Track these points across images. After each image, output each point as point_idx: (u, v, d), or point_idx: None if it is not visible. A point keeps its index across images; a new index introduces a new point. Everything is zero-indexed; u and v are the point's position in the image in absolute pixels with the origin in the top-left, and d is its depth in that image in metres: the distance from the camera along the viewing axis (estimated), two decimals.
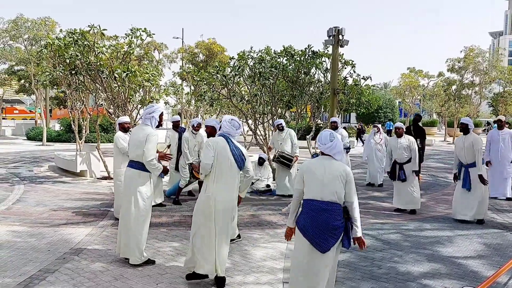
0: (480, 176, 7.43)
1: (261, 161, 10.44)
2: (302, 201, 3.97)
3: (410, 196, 8.19)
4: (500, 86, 34.38)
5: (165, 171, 5.60)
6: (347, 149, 9.43)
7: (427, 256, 5.73)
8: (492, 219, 7.86)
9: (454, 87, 31.82)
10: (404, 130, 8.46)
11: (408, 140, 8.22)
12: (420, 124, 10.84)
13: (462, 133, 7.76)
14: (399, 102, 41.30)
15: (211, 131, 5.61)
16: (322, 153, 3.95)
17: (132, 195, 5.12)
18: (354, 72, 12.42)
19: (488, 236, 6.76)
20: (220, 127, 4.78)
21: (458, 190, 7.77)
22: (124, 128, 7.46)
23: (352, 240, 3.88)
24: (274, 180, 10.47)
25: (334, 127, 9.46)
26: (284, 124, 10.03)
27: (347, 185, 3.80)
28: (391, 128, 35.14)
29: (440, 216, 8.12)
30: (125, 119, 7.59)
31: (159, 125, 5.34)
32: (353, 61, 12.22)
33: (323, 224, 3.75)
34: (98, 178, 11.95)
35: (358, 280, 4.87)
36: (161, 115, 5.33)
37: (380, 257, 5.66)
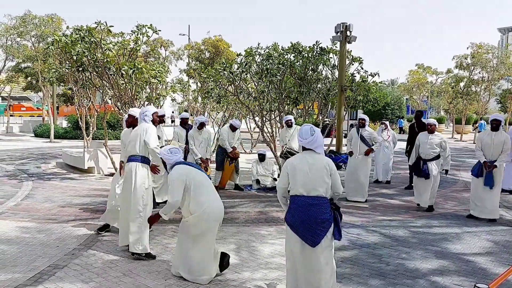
0: (492, 165, 7.28)
1: (261, 157, 10.41)
2: (289, 197, 3.99)
3: (430, 194, 8.07)
4: (509, 83, 34.02)
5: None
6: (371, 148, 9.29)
7: (435, 253, 5.70)
8: (501, 216, 7.78)
9: (462, 84, 31.55)
10: (434, 126, 8.18)
11: (441, 138, 8.06)
12: (423, 120, 10.79)
13: (492, 130, 7.52)
14: (406, 99, 41.08)
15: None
16: (304, 148, 3.96)
17: (131, 186, 5.32)
18: (362, 68, 12.34)
19: (497, 233, 6.71)
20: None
21: (477, 187, 7.57)
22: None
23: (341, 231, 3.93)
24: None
25: (362, 124, 9.18)
26: (293, 120, 10.02)
27: (333, 177, 3.87)
28: (402, 125, 35.05)
29: (448, 213, 8.07)
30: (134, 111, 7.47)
31: (154, 123, 5.65)
32: (360, 57, 12.13)
33: (311, 218, 3.78)
34: (105, 175, 12.00)
35: (366, 276, 4.85)
36: (154, 114, 5.66)
37: (388, 254, 5.64)
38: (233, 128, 9.91)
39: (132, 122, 7.05)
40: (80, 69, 10.60)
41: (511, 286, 4.61)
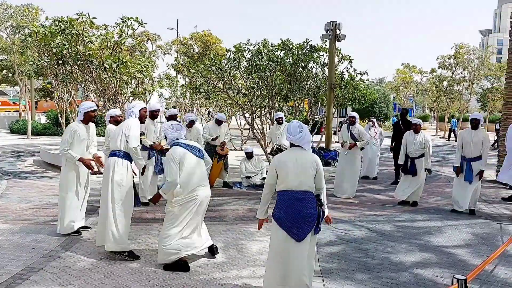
0: (481, 172, 7.58)
1: (248, 155, 10.30)
2: (277, 192, 4.05)
3: (415, 189, 8.30)
4: (489, 82, 34.80)
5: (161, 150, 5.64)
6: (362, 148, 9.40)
7: (419, 246, 5.86)
8: (480, 210, 8.06)
9: (445, 83, 32.21)
10: (419, 125, 8.47)
11: (423, 137, 8.31)
12: (408, 117, 10.99)
13: (472, 128, 7.75)
14: (393, 97, 41.57)
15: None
16: (292, 145, 4.05)
17: (109, 183, 5.07)
18: (351, 67, 12.47)
19: (476, 226, 6.95)
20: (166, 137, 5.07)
21: (458, 182, 7.86)
22: (117, 121, 7.00)
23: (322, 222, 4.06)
24: None
25: (352, 122, 9.32)
26: (284, 117, 10.08)
27: (318, 174, 3.97)
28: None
29: (431, 207, 8.29)
30: (117, 111, 7.17)
31: (142, 119, 5.54)
32: (350, 56, 12.25)
33: (298, 213, 3.87)
34: None
35: (352, 271, 4.95)
36: (142, 110, 5.49)
37: (374, 248, 5.77)
38: (219, 122, 9.84)
39: (115, 121, 6.90)
40: (60, 62, 10.15)
41: (488, 276, 4.83)
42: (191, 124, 9.02)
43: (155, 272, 4.72)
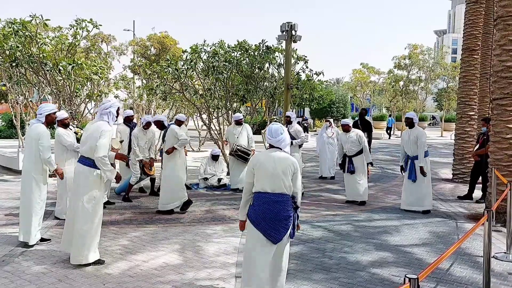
0: (421, 168, 7.80)
1: (214, 157, 10.38)
2: (253, 194, 4.03)
3: (358, 189, 8.48)
4: (444, 82, 36.20)
5: (118, 178, 5.27)
6: (300, 145, 9.53)
7: (376, 246, 5.93)
8: (436, 208, 8.26)
9: (401, 83, 33.20)
10: (351, 125, 8.81)
11: (356, 134, 8.55)
12: (366, 118, 11.22)
13: (407, 127, 8.11)
14: (350, 97, 42.43)
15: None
16: (271, 146, 4.04)
17: (81, 193, 4.93)
18: (307, 67, 12.59)
19: (433, 225, 7.10)
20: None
21: (405, 181, 8.13)
22: (64, 124, 6.95)
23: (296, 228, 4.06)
24: (228, 174, 10.44)
25: (288, 121, 9.55)
26: (243, 118, 10.09)
27: (294, 176, 3.96)
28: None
29: (388, 206, 8.44)
30: (64, 114, 7.04)
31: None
32: (305, 56, 12.37)
33: (275, 215, 3.87)
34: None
35: (309, 271, 4.95)
36: (118, 109, 5.21)
37: (331, 248, 5.80)
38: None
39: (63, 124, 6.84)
40: (14, 64, 10.10)
41: (443, 274, 4.92)
42: (147, 125, 8.86)
43: (110, 276, 4.69)
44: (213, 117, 12.10)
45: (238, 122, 9.84)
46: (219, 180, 10.08)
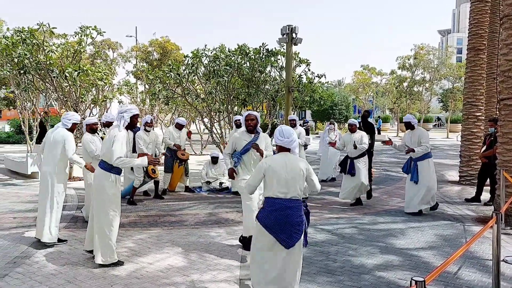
0: (411, 149, 7.69)
1: (214, 160, 10.36)
2: (264, 198, 4.01)
3: (354, 190, 8.42)
4: (450, 82, 36.00)
5: (151, 160, 5.24)
6: (305, 146, 9.58)
7: (381, 249, 5.85)
8: (443, 211, 8.14)
9: (405, 84, 33.04)
10: (358, 126, 8.75)
11: (360, 135, 8.49)
12: (369, 120, 11.17)
13: (409, 129, 8.06)
14: (353, 99, 42.31)
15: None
16: (280, 149, 4.00)
17: (99, 195, 5.04)
18: (309, 70, 12.59)
19: (439, 228, 6.97)
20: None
21: (407, 183, 8.04)
22: (92, 129, 6.99)
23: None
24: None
25: (293, 125, 9.55)
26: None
27: (309, 177, 3.98)
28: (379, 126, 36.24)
29: (393, 209, 8.34)
30: (93, 119, 7.09)
31: (132, 127, 5.27)
32: (308, 59, 12.38)
33: (287, 221, 3.84)
34: None
35: (313, 274, 4.91)
36: (134, 117, 5.16)
37: (335, 251, 5.74)
38: (179, 127, 9.78)
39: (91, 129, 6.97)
40: (22, 71, 10.37)
41: (450, 278, 4.84)
42: (151, 123, 8.89)
43: (117, 277, 4.74)
44: (215, 121, 12.14)
45: (237, 124, 9.81)
46: (221, 183, 10.09)
